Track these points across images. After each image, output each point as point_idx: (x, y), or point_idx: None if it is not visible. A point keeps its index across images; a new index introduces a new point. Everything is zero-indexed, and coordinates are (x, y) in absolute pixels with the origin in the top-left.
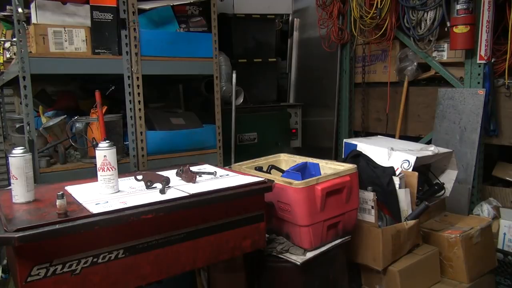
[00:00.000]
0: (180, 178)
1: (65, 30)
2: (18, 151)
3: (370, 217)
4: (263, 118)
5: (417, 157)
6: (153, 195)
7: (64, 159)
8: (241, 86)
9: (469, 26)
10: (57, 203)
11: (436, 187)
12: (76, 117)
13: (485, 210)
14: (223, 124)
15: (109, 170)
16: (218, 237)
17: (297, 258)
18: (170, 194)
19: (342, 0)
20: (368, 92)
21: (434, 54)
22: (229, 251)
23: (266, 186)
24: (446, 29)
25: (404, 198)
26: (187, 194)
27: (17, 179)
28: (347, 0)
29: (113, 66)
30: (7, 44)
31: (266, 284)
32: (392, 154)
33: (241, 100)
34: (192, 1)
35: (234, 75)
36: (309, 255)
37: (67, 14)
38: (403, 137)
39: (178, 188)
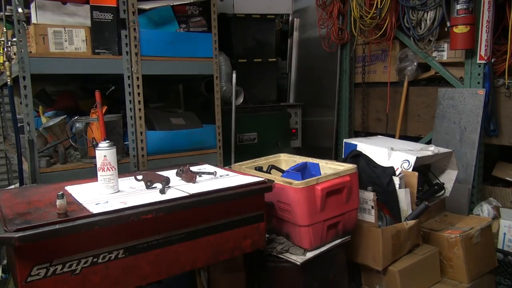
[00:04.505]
0: (180, 178)
1: (65, 30)
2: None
3: (370, 217)
4: (263, 118)
5: (417, 157)
6: (153, 195)
7: (64, 159)
8: (241, 86)
9: (469, 26)
10: (57, 203)
11: (436, 187)
12: (76, 117)
13: (485, 210)
14: (223, 124)
15: (109, 170)
16: (218, 237)
17: (297, 258)
18: (170, 194)
19: (342, 0)
20: (368, 92)
21: (434, 54)
22: (229, 251)
23: (266, 186)
24: (446, 29)
25: (404, 198)
26: (187, 194)
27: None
28: (347, 0)
29: (113, 66)
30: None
31: (266, 284)
32: (392, 154)
33: (241, 100)
34: (192, 1)
35: (234, 75)
36: (309, 255)
37: (67, 14)
38: (403, 137)
39: (178, 188)
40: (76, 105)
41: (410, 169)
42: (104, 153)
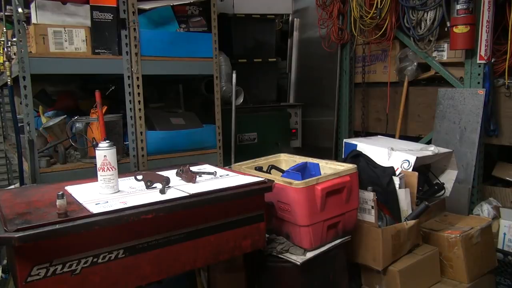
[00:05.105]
0: (180, 178)
1: (65, 30)
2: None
3: (370, 217)
4: (263, 118)
5: (417, 157)
6: (153, 195)
7: (64, 159)
8: (241, 86)
9: (469, 26)
10: (57, 203)
11: (436, 187)
12: (76, 117)
13: (485, 210)
14: (223, 124)
15: (109, 170)
16: (218, 237)
17: (297, 258)
18: (170, 194)
19: (342, 0)
20: (368, 92)
21: (434, 54)
22: (229, 251)
23: (266, 186)
24: (446, 29)
25: (404, 198)
26: (187, 194)
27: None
28: (347, 0)
29: (113, 66)
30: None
31: (266, 284)
32: (392, 154)
33: (241, 100)
34: (192, 1)
35: (234, 75)
36: (309, 255)
37: (67, 14)
38: (403, 137)
39: (178, 188)
40: (76, 105)
41: (410, 169)
42: (104, 153)
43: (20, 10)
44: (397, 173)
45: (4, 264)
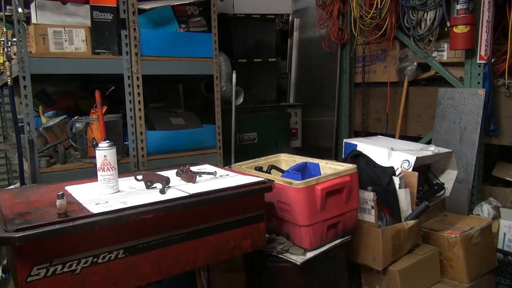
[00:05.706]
0: (180, 178)
1: (65, 30)
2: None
3: (370, 217)
4: (263, 118)
5: (417, 157)
6: (153, 195)
7: (64, 159)
8: (241, 86)
9: (469, 26)
10: (57, 203)
11: (436, 187)
12: (76, 117)
13: (485, 210)
14: (223, 124)
15: (109, 170)
16: (218, 237)
17: (297, 258)
18: (170, 194)
19: (342, 0)
20: (368, 92)
21: (434, 54)
22: (229, 251)
23: (266, 186)
24: (446, 29)
25: (404, 198)
26: (187, 194)
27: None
28: (347, 0)
29: (113, 66)
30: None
31: (266, 284)
32: (392, 154)
33: (241, 100)
34: (192, 1)
35: (234, 75)
36: (309, 255)
37: (67, 14)
38: (403, 137)
39: (178, 188)
40: (76, 105)
41: (410, 169)
42: (104, 153)
43: (20, 10)
44: (397, 173)
45: (4, 264)
